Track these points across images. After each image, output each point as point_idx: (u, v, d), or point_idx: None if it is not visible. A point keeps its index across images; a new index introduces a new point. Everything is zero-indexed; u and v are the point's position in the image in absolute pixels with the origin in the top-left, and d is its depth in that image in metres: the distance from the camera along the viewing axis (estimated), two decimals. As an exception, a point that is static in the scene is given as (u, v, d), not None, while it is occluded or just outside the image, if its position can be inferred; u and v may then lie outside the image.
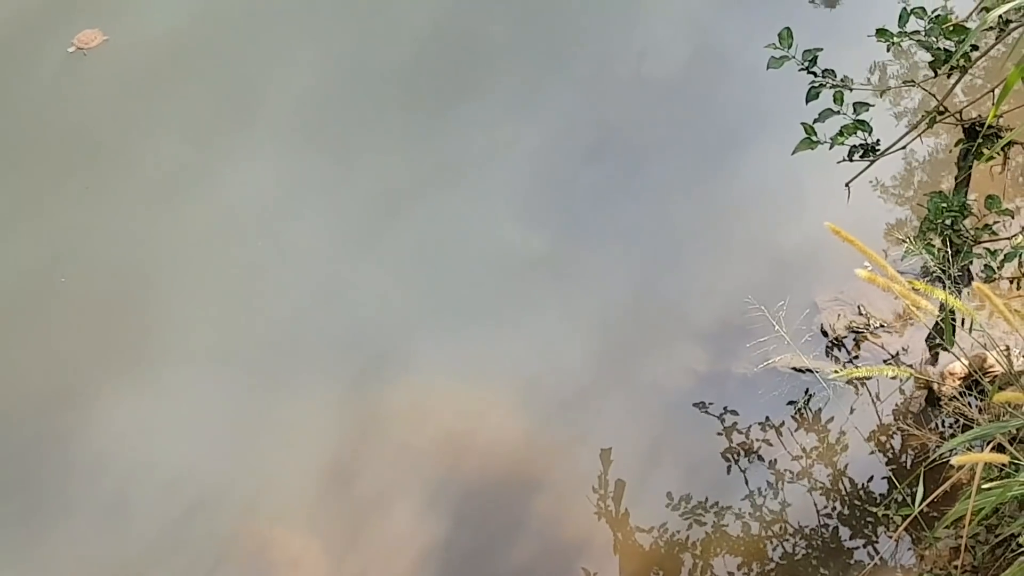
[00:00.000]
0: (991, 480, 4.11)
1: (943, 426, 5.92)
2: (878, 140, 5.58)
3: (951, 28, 5.33)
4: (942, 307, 3.77)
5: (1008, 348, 5.74)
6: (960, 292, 5.34)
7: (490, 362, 6.52)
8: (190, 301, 6.85)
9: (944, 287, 4.92)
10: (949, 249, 5.35)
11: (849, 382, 6.20)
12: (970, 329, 3.49)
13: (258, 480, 6.17)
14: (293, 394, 6.46)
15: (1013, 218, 5.86)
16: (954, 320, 5.13)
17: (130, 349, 6.66)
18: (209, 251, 7.08)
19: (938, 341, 6.00)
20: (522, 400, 6.38)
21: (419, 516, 5.99)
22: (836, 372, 4.12)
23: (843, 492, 5.89)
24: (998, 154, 5.92)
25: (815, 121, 5.47)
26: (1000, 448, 4.11)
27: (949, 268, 5.33)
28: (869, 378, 6.17)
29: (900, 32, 5.39)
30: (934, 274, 5.56)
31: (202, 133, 7.61)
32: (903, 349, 6.32)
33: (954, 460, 3.07)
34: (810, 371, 6.22)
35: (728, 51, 7.84)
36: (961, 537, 4.97)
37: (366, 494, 6.09)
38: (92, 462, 6.24)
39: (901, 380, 6.15)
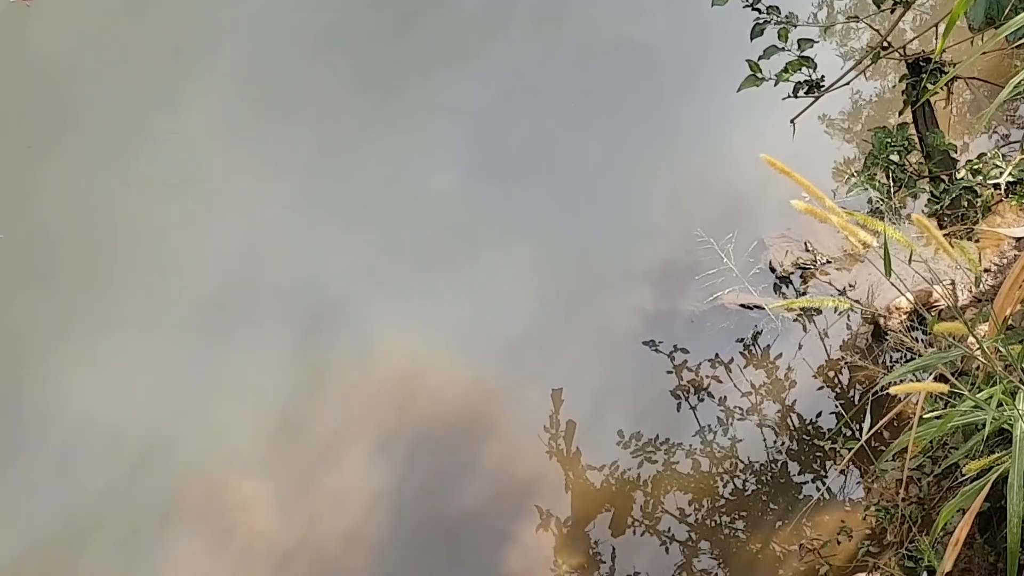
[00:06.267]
0: (935, 411, 4.15)
1: (889, 360, 5.98)
2: (823, 76, 5.60)
3: (893, -38, 5.35)
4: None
5: (953, 282, 5.79)
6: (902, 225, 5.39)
7: (437, 308, 6.52)
8: (136, 257, 6.81)
9: (886, 220, 4.95)
10: (892, 183, 5.39)
11: (796, 318, 6.24)
12: (910, 260, 3.51)
13: (207, 430, 6.15)
14: (241, 346, 6.44)
15: (957, 152, 5.89)
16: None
17: (76, 305, 6.62)
18: (155, 207, 7.02)
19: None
20: (471, 345, 6.39)
21: (370, 461, 6.00)
22: (781, 305, 4.13)
23: (792, 427, 5.93)
24: (942, 89, 5.95)
25: (760, 58, 5.49)
26: (942, 379, 4.14)
27: (892, 201, 5.37)
28: (817, 312, 6.21)
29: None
30: (877, 208, 5.61)
31: (145, 90, 7.53)
32: (850, 285, 6.37)
33: (893, 389, 3.09)
34: (758, 307, 6.25)
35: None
36: (907, 469, 5.02)
37: (316, 441, 6.09)
38: (39, 417, 6.20)
39: (848, 315, 6.19)
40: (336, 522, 5.79)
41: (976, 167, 5.40)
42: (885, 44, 5.67)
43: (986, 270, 5.99)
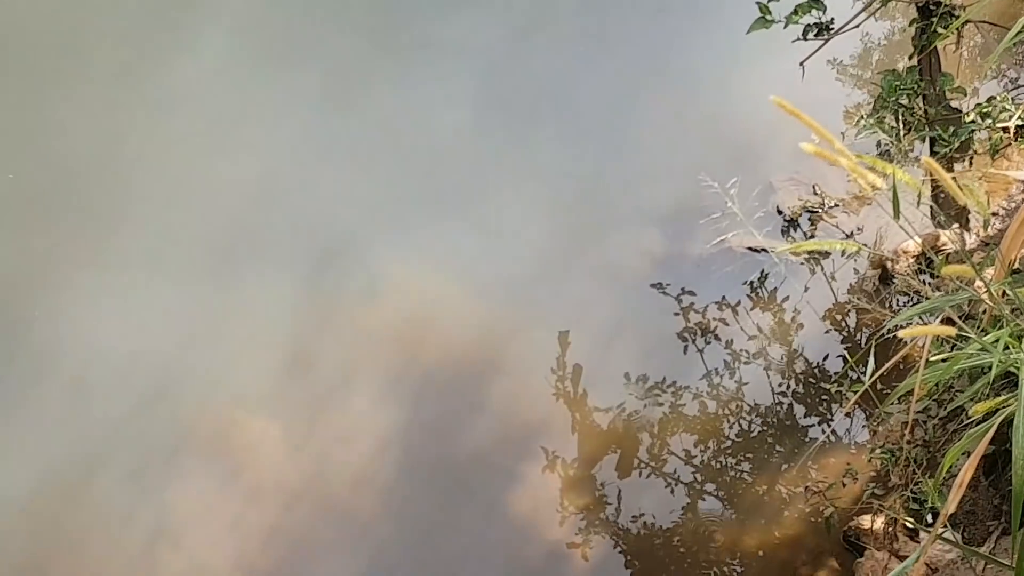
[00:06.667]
0: (941, 354, 4.15)
1: (896, 303, 5.98)
2: (832, 19, 5.58)
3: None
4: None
5: (960, 226, 5.79)
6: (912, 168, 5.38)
7: (447, 249, 6.54)
8: (146, 194, 6.82)
9: (895, 163, 4.94)
10: (901, 126, 5.37)
11: (804, 261, 6.24)
12: (918, 203, 3.52)
13: (217, 368, 6.18)
14: (251, 284, 6.47)
15: (966, 96, 5.87)
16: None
17: (87, 241, 6.64)
18: (165, 145, 7.02)
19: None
20: (479, 285, 6.40)
21: (380, 399, 6.03)
22: (788, 248, 4.13)
23: (798, 370, 5.95)
24: (952, 33, 5.92)
25: (770, 0, 5.46)
26: (949, 322, 4.15)
27: (901, 144, 5.36)
28: (824, 255, 6.21)
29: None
30: (886, 150, 5.59)
31: (155, 30, 7.51)
32: (857, 228, 6.37)
33: (901, 333, 3.08)
34: (765, 250, 6.25)
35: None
36: (913, 411, 5.03)
37: (325, 380, 6.12)
38: (50, 352, 6.23)
39: (855, 258, 6.19)
40: (344, 461, 5.82)
41: (985, 110, 5.38)
42: (895, -14, 5.64)
43: (994, 213, 5.98)
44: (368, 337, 6.26)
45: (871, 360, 4.27)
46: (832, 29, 5.59)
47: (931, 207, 5.72)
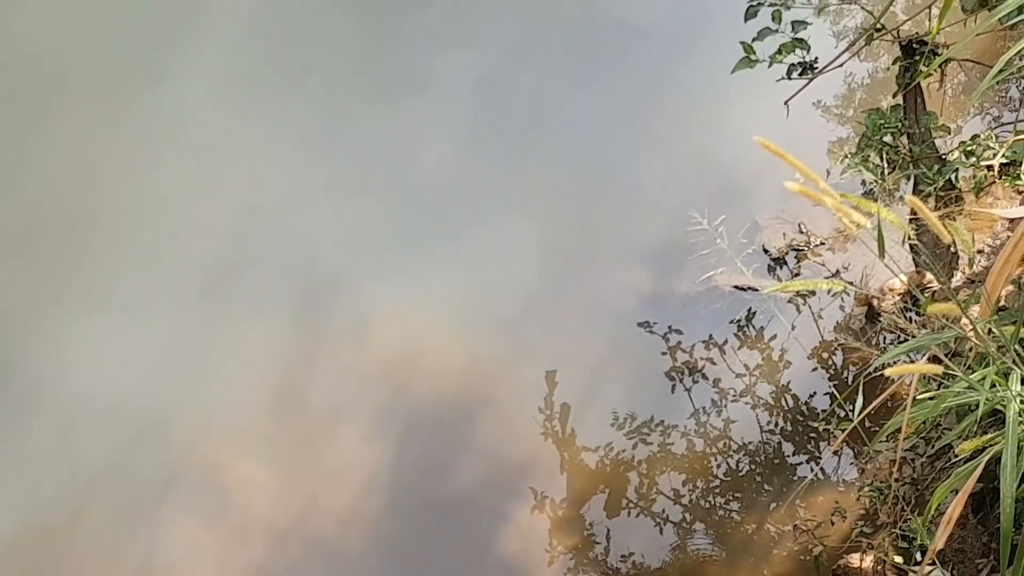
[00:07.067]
0: (928, 392, 4.15)
1: (883, 341, 5.99)
2: (816, 58, 5.60)
3: (888, -55, 5.34)
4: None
5: (945, 264, 5.80)
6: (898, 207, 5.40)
7: (434, 285, 6.53)
8: (131, 234, 6.80)
9: (880, 201, 4.95)
10: (886, 165, 5.39)
11: (790, 300, 6.25)
12: (903, 242, 3.52)
13: (205, 406, 6.17)
14: (238, 321, 6.45)
15: (950, 134, 5.90)
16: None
17: (72, 280, 6.61)
18: (150, 183, 7.01)
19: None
20: (467, 322, 6.40)
21: (367, 437, 6.02)
22: (775, 288, 4.13)
23: (786, 408, 5.95)
24: (935, 71, 5.95)
25: (754, 40, 5.48)
26: (936, 360, 4.15)
27: (885, 183, 5.38)
28: (811, 294, 6.23)
29: (837, -50, 5.41)
30: (871, 189, 5.61)
31: (139, 64, 7.51)
32: (843, 266, 6.38)
33: (888, 371, 3.09)
34: (752, 288, 6.26)
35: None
36: (900, 449, 5.04)
37: (314, 417, 6.11)
38: (37, 393, 6.21)
39: (841, 296, 6.20)
40: (332, 499, 5.81)
41: (969, 148, 5.41)
42: (878, 26, 5.67)
43: (979, 251, 6.00)
44: (355, 375, 6.26)
45: (859, 398, 4.27)
46: (816, 68, 5.61)
47: (913, 245, 5.74)
